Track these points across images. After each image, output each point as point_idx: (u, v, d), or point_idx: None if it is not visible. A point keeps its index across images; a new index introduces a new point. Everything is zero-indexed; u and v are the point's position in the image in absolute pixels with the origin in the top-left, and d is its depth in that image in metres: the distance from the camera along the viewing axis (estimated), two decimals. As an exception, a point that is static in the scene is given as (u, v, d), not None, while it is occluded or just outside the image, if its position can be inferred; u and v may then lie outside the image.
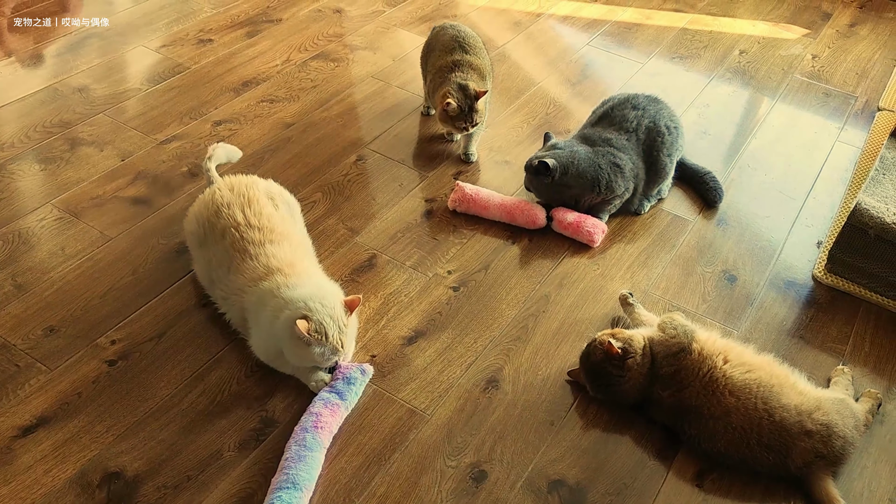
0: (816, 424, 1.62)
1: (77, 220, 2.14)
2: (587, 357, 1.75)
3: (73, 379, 1.75)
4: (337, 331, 1.66)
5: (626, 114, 2.23)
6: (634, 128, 2.21)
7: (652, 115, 2.24)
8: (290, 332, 1.64)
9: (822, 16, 3.38)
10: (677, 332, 1.74)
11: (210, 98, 2.64)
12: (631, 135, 2.21)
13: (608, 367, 1.71)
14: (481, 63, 2.47)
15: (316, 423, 1.64)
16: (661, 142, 2.22)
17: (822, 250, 2.22)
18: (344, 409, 1.70)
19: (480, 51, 2.51)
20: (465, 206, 2.24)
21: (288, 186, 2.25)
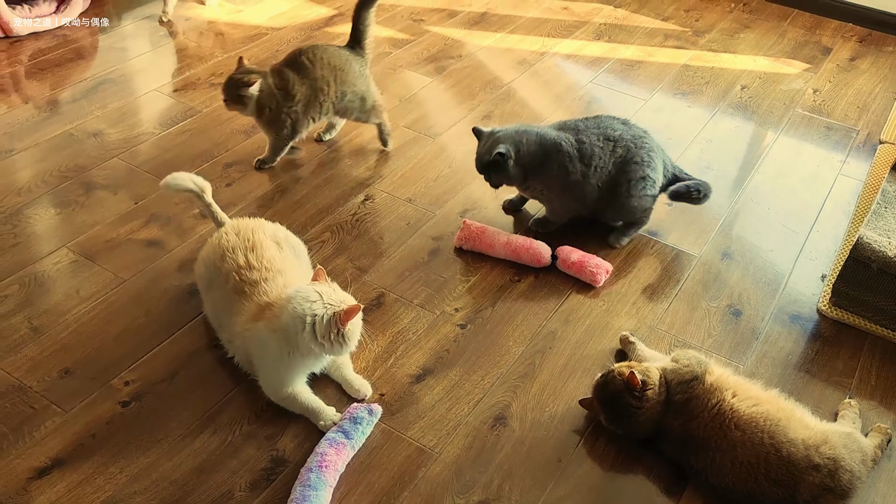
0: (824, 458, 1.62)
1: (92, 262, 2.19)
2: (603, 387, 1.77)
3: (88, 420, 1.78)
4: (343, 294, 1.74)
5: (614, 124, 2.28)
6: (615, 138, 2.24)
7: (635, 136, 2.26)
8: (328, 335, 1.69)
9: (823, 50, 3.43)
10: (691, 362, 1.77)
11: (221, 141, 2.70)
12: (609, 143, 2.24)
13: (627, 397, 1.72)
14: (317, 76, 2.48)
15: (321, 463, 1.66)
16: (628, 164, 2.23)
17: (826, 284, 2.24)
18: (350, 449, 1.71)
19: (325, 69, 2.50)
20: (471, 244, 2.27)
21: (296, 226, 2.30)
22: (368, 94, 2.57)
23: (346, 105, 2.54)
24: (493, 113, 2.92)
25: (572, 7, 3.71)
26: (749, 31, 3.56)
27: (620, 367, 1.77)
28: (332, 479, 1.65)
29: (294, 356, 1.75)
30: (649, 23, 3.60)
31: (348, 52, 2.54)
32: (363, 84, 2.56)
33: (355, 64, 2.53)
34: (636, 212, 2.32)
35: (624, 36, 3.49)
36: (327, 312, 1.69)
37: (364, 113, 2.60)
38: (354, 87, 2.53)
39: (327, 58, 2.48)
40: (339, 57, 2.50)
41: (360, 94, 2.55)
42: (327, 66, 2.47)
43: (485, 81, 3.12)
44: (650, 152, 2.27)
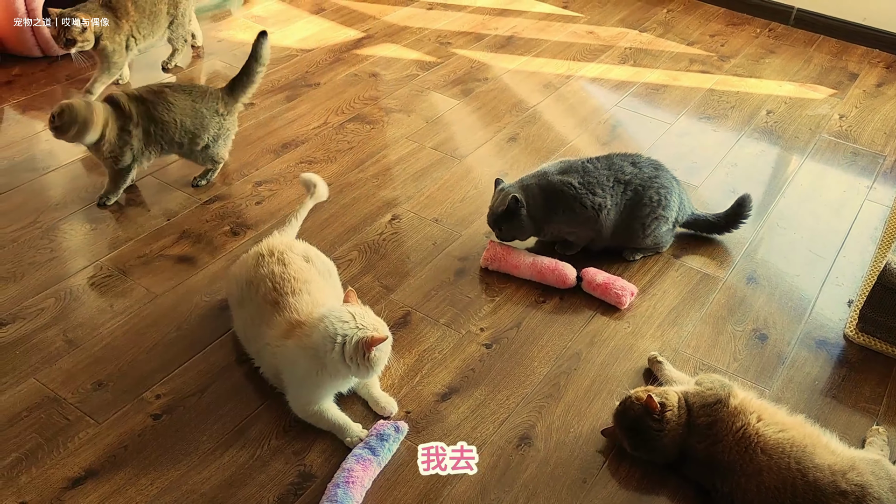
0: (851, 485, 1.62)
1: (125, 277, 2.23)
2: (623, 414, 1.78)
3: (120, 432, 1.81)
4: (372, 318, 1.76)
5: (625, 166, 2.31)
6: (626, 181, 2.28)
7: (645, 179, 2.29)
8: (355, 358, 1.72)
9: (849, 76, 3.43)
10: (714, 385, 1.78)
11: (251, 159, 2.75)
12: (619, 185, 2.28)
13: (647, 421, 1.73)
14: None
15: (348, 479, 1.68)
16: (638, 205, 2.28)
17: (853, 309, 2.23)
18: (376, 465, 1.73)
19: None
20: (496, 264, 2.30)
21: (325, 245, 2.34)
22: (215, 143, 2.53)
23: (186, 152, 2.53)
24: (518, 135, 2.96)
25: (598, 31, 3.75)
26: (775, 57, 3.57)
27: (637, 392, 1.78)
28: (359, 496, 1.67)
29: (322, 375, 1.78)
30: (674, 47, 3.62)
31: (207, 101, 2.50)
32: (211, 134, 2.50)
33: (208, 113, 2.49)
34: (652, 247, 2.38)
35: (649, 60, 3.51)
36: (357, 334, 1.72)
37: (202, 158, 2.56)
38: (199, 136, 2.49)
39: (171, 104, 2.43)
40: (188, 105, 2.46)
41: (205, 143, 2.51)
42: (168, 113, 2.42)
43: (511, 104, 3.15)
44: (660, 190, 2.30)
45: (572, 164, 2.34)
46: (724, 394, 1.74)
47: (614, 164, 2.32)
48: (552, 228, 2.33)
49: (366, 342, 1.70)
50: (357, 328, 1.72)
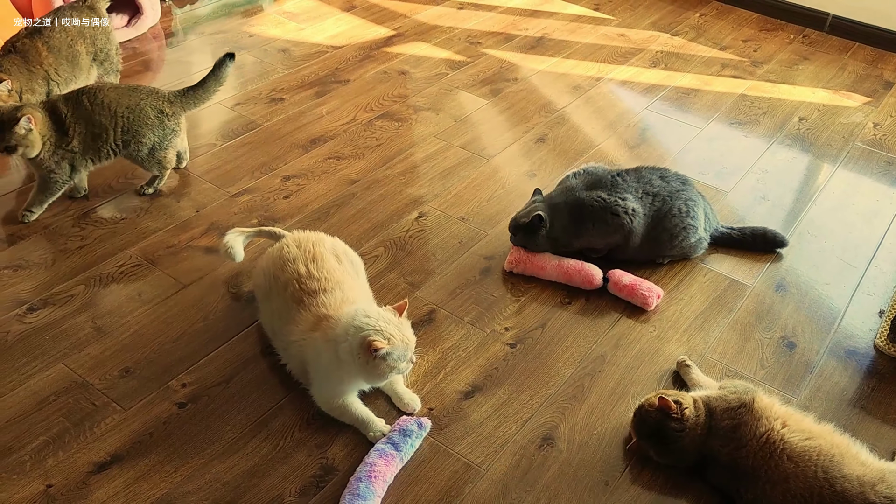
0: (880, 497, 1.59)
1: (154, 267, 2.26)
2: (642, 423, 1.77)
3: (146, 419, 1.83)
4: (396, 329, 1.72)
5: (653, 179, 2.31)
6: (654, 192, 2.28)
7: (672, 191, 2.29)
8: (361, 357, 1.70)
9: (884, 84, 3.39)
10: (738, 389, 1.77)
11: (280, 154, 2.77)
12: (648, 196, 2.28)
13: (668, 423, 1.71)
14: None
15: (370, 473, 1.68)
16: (666, 217, 2.27)
17: (884, 320, 2.20)
18: (399, 461, 1.73)
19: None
20: (521, 267, 2.29)
21: (351, 240, 2.34)
22: (161, 146, 2.43)
23: (131, 153, 2.41)
24: (546, 136, 2.95)
25: (629, 34, 3.73)
26: (808, 63, 3.53)
27: (649, 399, 1.77)
28: (381, 490, 1.67)
29: (342, 368, 1.78)
30: (706, 52, 3.59)
31: (150, 99, 2.40)
32: (155, 135, 2.40)
33: (151, 111, 2.38)
34: (678, 254, 2.37)
35: (680, 64, 3.49)
36: (362, 333, 1.71)
37: (147, 163, 2.46)
38: (142, 136, 2.38)
39: (110, 102, 2.33)
40: (127, 101, 2.36)
41: (149, 146, 2.40)
42: (107, 111, 2.32)
43: (539, 105, 3.14)
44: (687, 202, 2.30)
45: (601, 178, 2.32)
46: (748, 398, 1.73)
47: (643, 177, 2.32)
48: (583, 242, 2.31)
49: (367, 343, 1.69)
50: (372, 328, 1.71)
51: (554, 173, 2.75)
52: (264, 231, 2.19)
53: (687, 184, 2.35)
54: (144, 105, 2.38)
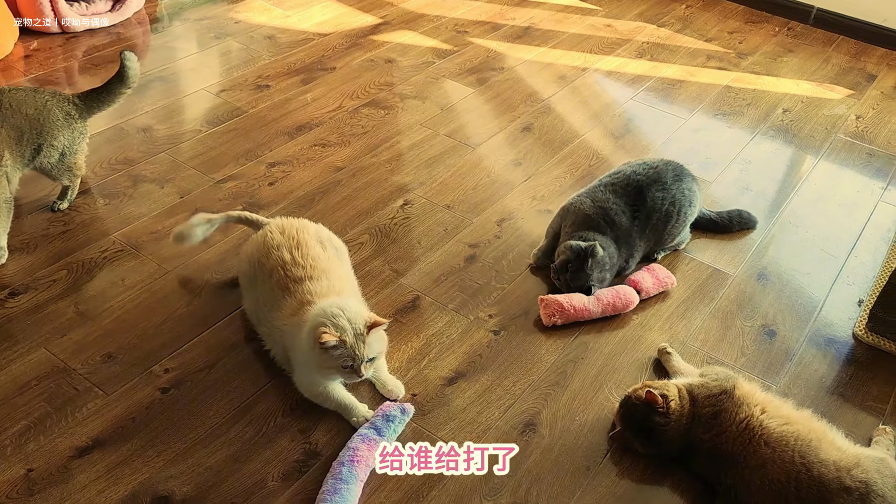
0: (855, 481, 1.61)
1: (137, 252, 2.25)
2: (629, 416, 1.77)
3: (128, 404, 1.82)
4: (354, 335, 1.70)
5: (656, 195, 2.24)
6: (660, 211, 2.24)
7: (674, 194, 2.26)
8: (312, 342, 1.71)
9: (867, 77, 3.41)
10: (719, 377, 1.79)
11: (265, 141, 2.76)
12: (657, 215, 2.24)
13: (653, 417, 1.72)
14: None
15: (353, 458, 1.68)
16: (673, 220, 2.27)
17: (863, 309, 2.23)
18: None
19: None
20: (564, 317, 2.11)
21: (336, 228, 2.34)
22: (70, 151, 2.28)
23: (42, 161, 2.23)
24: (532, 126, 2.95)
25: (615, 25, 3.74)
26: (793, 56, 3.55)
27: (637, 392, 1.77)
28: (364, 474, 1.68)
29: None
30: (692, 43, 3.61)
31: (55, 100, 2.24)
32: (65, 138, 2.25)
33: (59, 112, 2.24)
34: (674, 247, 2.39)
35: (666, 55, 3.50)
36: (318, 321, 1.71)
37: (58, 170, 2.29)
38: (53, 139, 2.22)
39: (19, 103, 2.17)
40: (34, 103, 2.20)
41: (59, 150, 2.25)
42: (18, 113, 2.16)
43: (525, 95, 3.15)
44: (689, 195, 2.30)
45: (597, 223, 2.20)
46: (728, 385, 1.75)
47: (647, 201, 2.23)
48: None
49: (318, 333, 1.68)
50: (329, 320, 1.70)
51: (539, 163, 2.76)
52: (233, 217, 2.16)
53: (683, 175, 2.31)
54: (51, 106, 2.23)
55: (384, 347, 1.83)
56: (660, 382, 1.79)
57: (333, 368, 1.74)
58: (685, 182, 2.31)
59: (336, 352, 1.70)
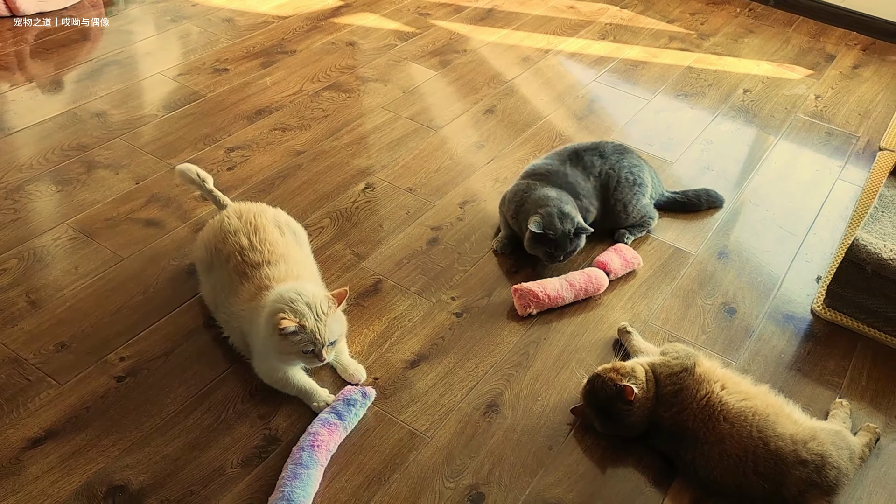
0: (811, 454, 1.63)
1: (91, 240, 2.20)
2: (594, 395, 1.76)
3: (83, 394, 1.79)
4: (314, 319, 1.68)
5: (594, 160, 2.31)
6: (598, 174, 2.30)
7: (613, 163, 2.32)
8: (271, 329, 1.68)
9: (826, 57, 3.45)
10: (680, 354, 1.79)
11: (224, 125, 2.71)
12: (597, 179, 2.30)
13: (619, 404, 1.72)
14: None
15: (313, 442, 1.67)
16: (616, 189, 2.30)
17: (821, 285, 2.25)
18: (342, 430, 1.73)
19: None
20: (538, 305, 2.09)
21: (297, 212, 2.32)
22: None
23: None
24: (495, 108, 2.94)
25: (578, 6, 3.73)
26: (753, 36, 3.57)
27: (609, 374, 1.75)
28: (324, 459, 1.66)
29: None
30: (655, 24, 3.61)
31: None
32: None
33: None
34: (640, 223, 2.38)
35: (629, 36, 3.50)
36: (276, 306, 1.68)
37: None
38: None
39: None
40: None
41: None
42: None
43: (488, 77, 3.13)
44: (632, 168, 2.34)
45: (555, 176, 2.26)
46: (689, 363, 1.76)
47: (585, 164, 2.30)
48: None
49: (277, 319, 1.66)
50: (288, 305, 1.68)
51: (502, 144, 2.74)
52: (213, 194, 2.10)
53: (626, 152, 2.38)
54: None
55: (344, 330, 1.81)
56: (629, 365, 1.77)
57: (294, 354, 1.72)
58: (627, 158, 2.35)
59: (296, 337, 1.68)
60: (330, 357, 1.75)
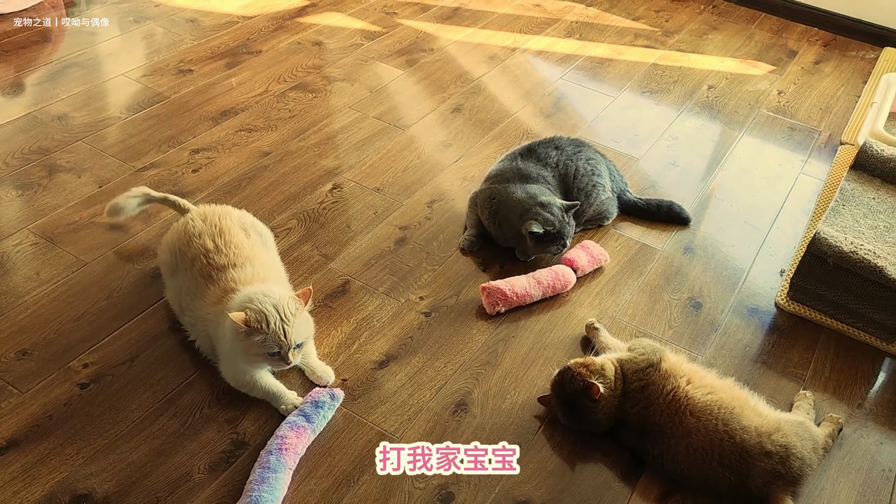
0: (776, 445, 1.66)
1: (53, 245, 2.16)
2: (562, 387, 1.78)
3: (45, 402, 1.76)
4: (279, 319, 1.66)
5: (549, 152, 2.36)
6: (554, 164, 2.34)
7: (570, 155, 2.36)
8: (234, 331, 1.67)
9: (788, 53, 3.49)
10: (646, 350, 1.81)
11: (189, 127, 2.68)
12: (554, 170, 2.34)
13: (584, 400, 1.73)
14: None
15: (281, 446, 1.66)
16: (576, 178, 2.34)
17: (784, 278, 2.28)
18: (311, 432, 1.72)
19: None
20: (508, 304, 2.09)
21: (263, 214, 2.30)
22: None
23: None
24: (462, 106, 2.94)
25: (544, 4, 3.74)
26: (717, 33, 3.61)
27: (579, 369, 1.76)
28: (292, 462, 1.65)
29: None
30: (620, 22, 3.64)
31: None
32: None
33: None
34: (596, 217, 2.40)
35: (595, 34, 3.52)
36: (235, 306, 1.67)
37: None
38: None
39: None
40: None
41: None
42: None
43: (455, 75, 3.13)
44: (589, 160, 2.38)
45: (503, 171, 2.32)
46: (655, 358, 1.77)
47: (540, 156, 2.35)
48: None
49: (236, 316, 1.65)
50: (254, 307, 1.66)
51: (469, 143, 2.75)
52: (170, 200, 2.10)
53: (582, 145, 2.41)
54: None
55: (311, 332, 1.80)
56: (599, 362, 1.78)
57: (260, 356, 1.71)
58: (584, 150, 2.40)
59: (261, 338, 1.67)
60: (297, 360, 1.74)
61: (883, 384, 2.03)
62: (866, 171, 2.44)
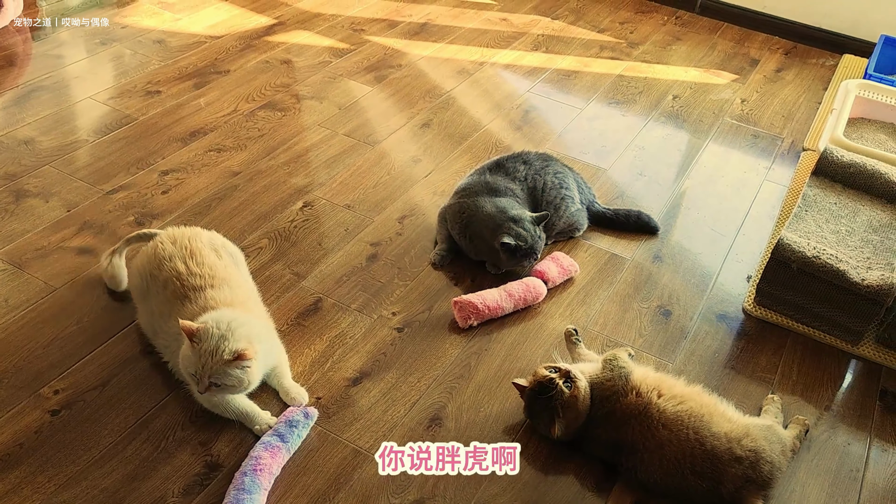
0: (745, 451, 1.68)
1: (21, 271, 2.15)
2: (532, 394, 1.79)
3: (15, 430, 1.74)
4: (210, 350, 1.65)
5: (517, 167, 2.40)
6: (523, 178, 2.38)
7: (538, 169, 2.41)
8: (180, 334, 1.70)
9: (750, 62, 3.56)
10: (613, 375, 1.77)
11: (157, 148, 2.68)
12: (522, 183, 2.38)
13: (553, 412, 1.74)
14: None
15: (255, 466, 1.65)
16: (544, 192, 2.38)
17: (751, 284, 2.32)
18: (286, 452, 1.72)
19: None
20: (480, 317, 2.11)
21: (234, 233, 2.30)
22: None
23: None
24: (432, 121, 2.96)
25: (511, 19, 3.78)
26: (681, 44, 3.67)
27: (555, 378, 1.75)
28: (267, 483, 1.65)
29: None
30: (585, 34, 3.69)
31: None
32: None
33: None
34: (567, 230, 2.43)
35: (561, 47, 3.57)
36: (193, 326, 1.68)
37: None
38: None
39: None
40: None
41: None
42: None
43: (425, 90, 3.15)
44: (557, 174, 2.42)
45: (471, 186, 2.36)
46: (621, 384, 1.75)
47: (508, 170, 2.39)
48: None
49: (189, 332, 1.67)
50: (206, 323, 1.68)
51: (439, 157, 2.77)
52: (133, 238, 2.09)
53: (550, 159, 2.45)
54: None
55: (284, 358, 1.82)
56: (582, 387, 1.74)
57: (185, 370, 1.72)
58: (552, 164, 2.44)
59: (190, 353, 1.68)
60: (206, 395, 1.73)
61: (849, 386, 2.08)
62: (827, 176, 2.49)
